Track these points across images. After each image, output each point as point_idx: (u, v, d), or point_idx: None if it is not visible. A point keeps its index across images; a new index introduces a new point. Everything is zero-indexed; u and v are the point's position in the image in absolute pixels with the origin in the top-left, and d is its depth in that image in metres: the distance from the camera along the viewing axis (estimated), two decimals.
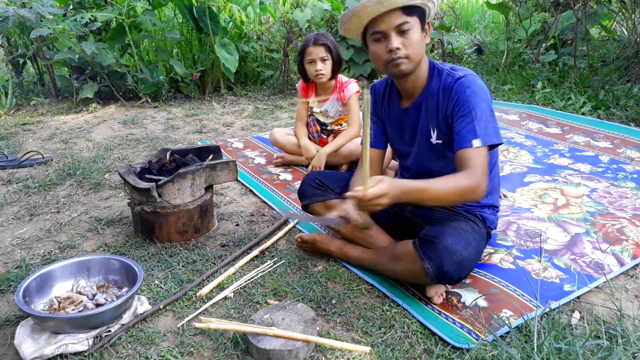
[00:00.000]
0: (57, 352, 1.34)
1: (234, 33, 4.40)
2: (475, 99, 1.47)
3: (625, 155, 2.68)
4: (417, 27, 1.47)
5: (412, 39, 1.47)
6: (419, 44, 1.49)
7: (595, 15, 4.11)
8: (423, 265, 1.44)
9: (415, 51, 1.49)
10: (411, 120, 1.65)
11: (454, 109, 1.50)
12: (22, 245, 1.96)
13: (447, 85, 1.53)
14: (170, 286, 1.65)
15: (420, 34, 1.49)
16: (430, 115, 1.58)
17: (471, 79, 1.50)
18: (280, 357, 1.29)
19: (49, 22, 3.75)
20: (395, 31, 1.46)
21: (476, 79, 1.51)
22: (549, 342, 1.24)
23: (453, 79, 1.52)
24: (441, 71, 1.57)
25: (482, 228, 1.63)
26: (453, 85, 1.51)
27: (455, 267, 1.42)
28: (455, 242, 1.43)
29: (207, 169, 1.96)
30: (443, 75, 1.55)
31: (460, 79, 1.50)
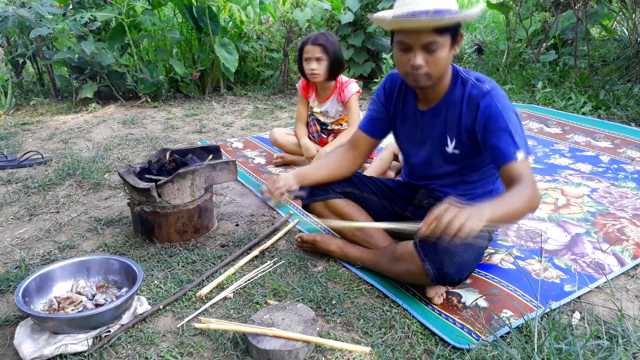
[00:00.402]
0: (56, 352, 1.33)
1: (233, 33, 4.39)
2: (508, 113, 1.44)
3: (625, 155, 2.67)
4: (447, 44, 1.41)
5: (438, 57, 1.41)
6: (444, 61, 1.44)
7: (595, 15, 4.11)
8: (424, 266, 1.43)
9: (439, 69, 1.45)
10: (427, 124, 1.61)
11: (486, 123, 1.45)
12: (21, 245, 1.96)
13: (472, 97, 1.48)
14: (170, 286, 1.64)
15: (449, 51, 1.43)
16: (450, 124, 1.55)
17: (500, 93, 1.47)
18: (280, 357, 1.28)
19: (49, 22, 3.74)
20: (421, 48, 1.40)
21: (503, 92, 1.49)
22: (550, 342, 1.23)
23: (480, 91, 1.47)
24: (465, 81, 1.52)
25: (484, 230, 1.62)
26: (481, 99, 1.46)
27: (456, 269, 1.42)
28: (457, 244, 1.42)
29: (206, 169, 1.96)
30: (467, 85, 1.51)
31: (488, 92, 1.46)
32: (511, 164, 1.40)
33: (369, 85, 4.30)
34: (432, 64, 1.42)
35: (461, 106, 1.51)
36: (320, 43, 2.44)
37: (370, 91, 4.28)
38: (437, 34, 1.38)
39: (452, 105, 1.53)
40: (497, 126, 1.43)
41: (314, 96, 2.67)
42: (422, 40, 1.39)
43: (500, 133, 1.43)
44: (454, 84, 1.53)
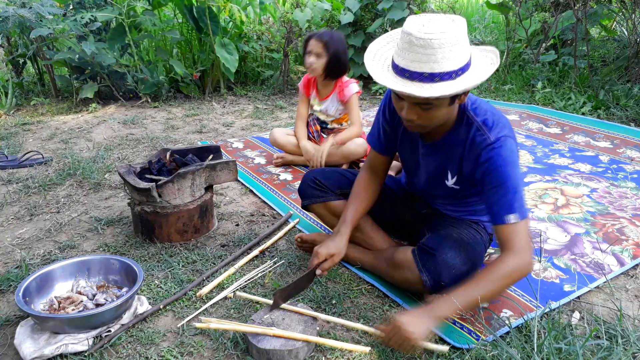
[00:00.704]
0: (57, 352, 1.34)
1: (234, 33, 4.39)
2: (508, 169, 1.35)
3: (625, 155, 2.68)
4: (445, 104, 1.30)
5: (433, 115, 1.32)
6: (441, 117, 1.34)
7: (595, 15, 4.11)
8: (421, 276, 1.43)
9: (434, 122, 1.35)
10: (428, 155, 1.54)
11: (484, 176, 1.38)
12: (22, 245, 1.96)
13: (475, 144, 1.39)
14: (170, 286, 1.65)
15: (447, 108, 1.32)
16: (451, 161, 1.48)
17: (504, 145, 1.36)
18: (280, 357, 1.29)
19: (49, 22, 3.74)
20: (413, 105, 1.30)
21: (509, 143, 1.37)
22: (549, 342, 1.24)
23: (484, 142, 1.37)
24: (470, 123, 1.40)
25: (485, 235, 1.62)
26: (483, 150, 1.37)
27: (453, 281, 1.40)
28: (455, 257, 1.42)
29: (207, 169, 1.96)
30: (472, 128, 1.40)
31: (491, 145, 1.36)
32: (503, 227, 1.35)
33: (369, 86, 4.30)
34: (425, 119, 1.33)
35: (463, 148, 1.43)
36: (323, 40, 2.47)
37: (370, 91, 4.28)
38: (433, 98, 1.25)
39: (455, 144, 1.45)
40: (495, 183, 1.36)
41: (314, 93, 2.68)
42: (413, 99, 1.28)
43: (496, 190, 1.36)
44: (460, 124, 1.43)
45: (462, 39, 1.22)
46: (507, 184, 1.35)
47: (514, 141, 1.40)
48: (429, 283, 1.42)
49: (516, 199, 1.35)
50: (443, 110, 1.32)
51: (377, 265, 1.64)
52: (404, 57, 1.23)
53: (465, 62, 1.25)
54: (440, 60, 1.20)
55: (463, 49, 1.23)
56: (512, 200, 1.34)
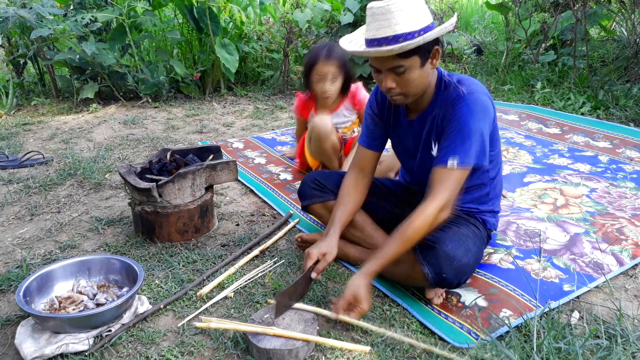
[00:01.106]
0: (57, 351, 1.34)
1: (234, 33, 4.40)
2: (468, 118, 1.42)
3: (624, 155, 2.68)
4: (416, 65, 1.40)
5: (408, 78, 1.41)
6: (417, 81, 1.43)
7: (594, 16, 4.12)
8: (422, 270, 1.44)
9: (413, 88, 1.45)
10: (415, 132, 1.61)
11: (447, 124, 1.47)
12: (22, 245, 1.97)
13: (450, 99, 1.48)
14: (171, 286, 1.65)
15: (421, 70, 1.42)
16: (432, 128, 1.55)
17: (475, 99, 1.44)
18: (280, 356, 1.29)
19: (49, 23, 3.75)
20: (388, 71, 1.41)
21: (479, 96, 1.45)
22: (549, 341, 1.24)
23: (457, 94, 1.46)
24: (448, 85, 1.51)
25: (483, 231, 1.63)
26: (455, 101, 1.46)
27: (455, 273, 1.42)
28: (455, 248, 1.43)
29: (207, 169, 1.97)
30: (450, 89, 1.50)
31: (463, 96, 1.45)
32: (438, 168, 1.43)
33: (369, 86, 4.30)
34: (403, 86, 1.43)
35: (441, 109, 1.51)
36: (334, 61, 2.20)
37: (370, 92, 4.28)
38: (401, 58, 1.37)
39: (435, 111, 1.53)
40: (452, 129, 1.44)
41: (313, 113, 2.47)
42: (387, 65, 1.40)
43: (449, 136, 1.44)
44: (438, 90, 1.52)
45: (418, 3, 1.36)
46: (462, 131, 1.42)
47: (489, 99, 1.49)
48: (430, 276, 1.43)
49: (464, 146, 1.41)
50: (416, 72, 1.41)
51: None
52: (370, 29, 1.37)
53: (427, 24, 1.36)
54: (401, 22, 1.33)
55: (421, 11, 1.36)
56: (460, 145, 1.42)
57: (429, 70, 1.45)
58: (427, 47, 1.40)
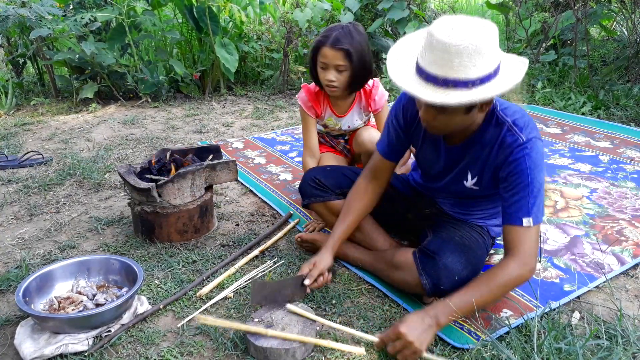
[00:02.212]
0: (57, 352, 1.34)
1: (234, 33, 4.39)
2: (534, 172, 1.32)
3: (625, 155, 2.68)
4: (462, 111, 1.26)
5: (448, 121, 1.29)
6: (458, 124, 1.32)
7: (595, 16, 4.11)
8: (420, 280, 1.43)
9: (451, 128, 1.34)
10: (451, 158, 1.51)
11: (510, 175, 1.35)
12: (22, 245, 1.96)
13: (506, 144, 1.35)
14: (170, 286, 1.65)
15: (465, 116, 1.28)
16: (474, 162, 1.45)
17: (535, 147, 1.33)
18: (277, 355, 1.29)
19: (49, 22, 3.74)
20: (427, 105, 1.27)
21: (539, 146, 1.35)
22: (549, 342, 1.24)
23: (515, 141, 1.33)
24: (501, 123, 1.36)
25: (487, 239, 1.61)
26: (514, 149, 1.33)
27: (452, 285, 1.40)
28: (456, 261, 1.42)
29: (207, 169, 1.96)
30: (503, 129, 1.36)
31: (523, 145, 1.32)
32: (514, 228, 1.34)
33: None
34: (441, 123, 1.31)
35: (492, 148, 1.39)
36: (344, 47, 1.82)
37: None
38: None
39: (482, 144, 1.41)
40: (519, 183, 1.33)
41: (329, 111, 2.10)
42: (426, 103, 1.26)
43: (517, 191, 1.34)
44: (488, 123, 1.38)
45: (486, 48, 1.15)
46: (530, 186, 1.33)
47: (542, 144, 1.38)
48: (428, 287, 1.42)
49: (536, 203, 1.33)
50: (459, 117, 1.28)
51: (376, 265, 1.64)
52: (425, 57, 1.19)
53: (487, 73, 1.17)
54: (457, 68, 1.14)
55: (486, 59, 1.16)
56: (532, 203, 1.32)
57: (474, 115, 1.32)
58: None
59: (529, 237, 1.33)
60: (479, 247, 1.54)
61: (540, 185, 1.34)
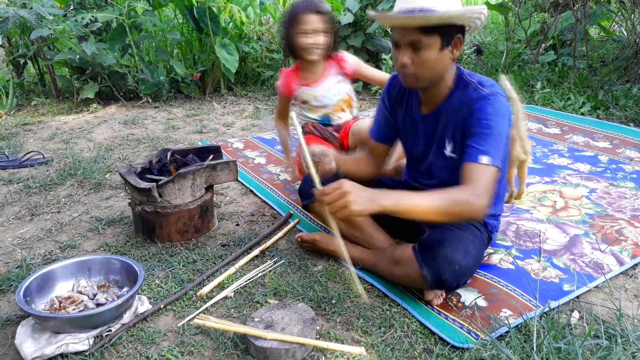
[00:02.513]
0: (57, 351, 1.34)
1: (234, 33, 4.40)
2: (496, 118, 1.39)
3: (624, 155, 2.68)
4: (435, 46, 1.37)
5: (423, 58, 1.38)
6: (432, 64, 1.40)
7: (594, 16, 4.12)
8: (421, 272, 1.44)
9: (426, 71, 1.41)
10: (428, 128, 1.59)
11: (473, 123, 1.42)
12: (22, 245, 1.97)
13: (471, 99, 1.44)
14: (171, 286, 1.65)
15: (439, 53, 1.38)
16: (447, 127, 1.52)
17: (499, 100, 1.41)
18: (277, 355, 1.29)
19: (50, 23, 3.75)
20: (407, 45, 1.39)
21: (503, 100, 1.43)
22: (549, 341, 1.24)
23: (479, 95, 1.42)
24: (467, 84, 1.47)
25: (484, 233, 1.62)
26: (477, 101, 1.42)
27: (454, 276, 1.41)
28: (455, 251, 1.42)
29: (207, 169, 1.97)
30: (469, 88, 1.46)
31: (486, 96, 1.41)
32: (470, 164, 1.37)
33: (369, 86, 4.30)
34: (418, 65, 1.40)
35: (460, 109, 1.47)
36: (323, 11, 2.00)
37: (370, 92, 4.28)
38: (421, 33, 1.35)
39: (452, 108, 1.49)
40: (479, 128, 1.40)
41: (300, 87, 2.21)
42: (406, 38, 1.38)
43: (477, 134, 1.39)
44: (456, 88, 1.49)
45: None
46: (490, 129, 1.38)
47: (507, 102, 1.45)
48: (429, 278, 1.43)
49: (495, 146, 1.37)
50: (433, 53, 1.38)
51: (378, 263, 1.65)
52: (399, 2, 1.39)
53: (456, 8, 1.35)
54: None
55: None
56: (491, 145, 1.36)
57: (447, 58, 1.41)
58: (450, 32, 1.38)
59: (484, 174, 1.35)
60: (477, 238, 1.55)
61: (501, 131, 1.39)
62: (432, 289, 1.48)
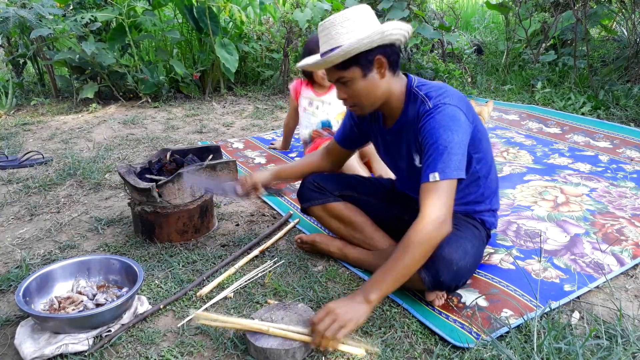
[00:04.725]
0: (57, 352, 1.34)
1: (234, 33, 4.40)
2: (439, 131, 1.39)
3: (624, 155, 2.68)
4: (358, 75, 1.42)
5: (353, 89, 1.44)
6: (364, 91, 1.45)
7: (595, 16, 4.11)
8: (419, 274, 1.43)
9: (363, 99, 1.47)
10: (394, 142, 1.62)
11: (421, 142, 1.45)
12: (22, 245, 1.96)
13: (419, 114, 1.46)
14: (171, 286, 1.65)
15: (365, 80, 1.43)
16: (409, 139, 1.54)
17: (439, 110, 1.41)
18: (277, 356, 1.29)
19: (49, 23, 3.75)
20: (336, 83, 1.47)
21: (444, 108, 1.42)
22: (549, 342, 1.24)
23: (424, 110, 1.45)
24: (416, 97, 1.49)
25: (482, 231, 1.62)
26: (423, 118, 1.44)
27: (452, 277, 1.41)
28: (452, 252, 1.42)
29: (207, 169, 1.97)
30: (417, 102, 1.48)
31: (429, 111, 1.43)
32: (423, 185, 1.39)
33: None
34: (353, 96, 1.47)
35: (415, 122, 1.49)
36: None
37: None
38: (340, 70, 1.42)
39: (409, 121, 1.51)
40: (427, 145, 1.42)
41: (310, 91, 2.64)
42: (331, 78, 1.47)
43: (426, 151, 1.42)
44: (408, 101, 1.51)
45: (355, 16, 1.39)
46: (435, 144, 1.39)
47: (459, 109, 1.43)
48: (427, 279, 1.43)
49: (442, 159, 1.38)
50: (360, 83, 1.44)
51: (377, 264, 1.64)
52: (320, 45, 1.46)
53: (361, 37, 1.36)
54: (335, 36, 1.39)
55: (358, 25, 1.39)
56: (437, 159, 1.38)
57: (377, 81, 1.45)
58: (367, 58, 1.40)
59: (436, 190, 1.36)
60: (476, 237, 1.55)
61: (446, 142, 1.38)
62: (431, 290, 1.47)
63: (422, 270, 1.42)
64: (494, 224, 1.70)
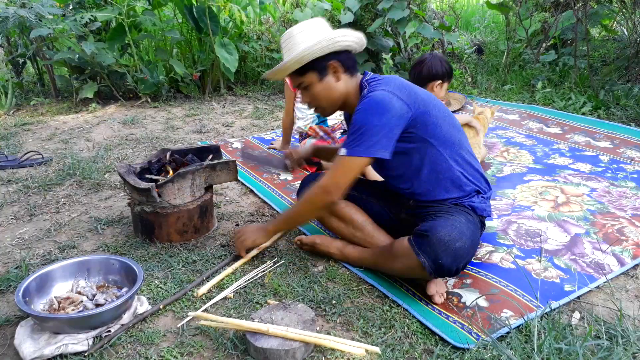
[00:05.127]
0: (57, 352, 1.34)
1: (233, 33, 4.39)
2: (360, 115, 1.50)
3: (625, 155, 2.67)
4: (315, 80, 1.56)
5: (313, 93, 1.59)
6: (323, 94, 1.59)
7: (595, 16, 4.11)
8: (419, 260, 1.45)
9: (323, 101, 1.61)
10: None
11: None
12: (22, 245, 1.96)
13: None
14: (170, 286, 1.65)
15: (321, 84, 1.57)
16: None
17: (372, 98, 1.51)
18: (277, 356, 1.28)
19: (49, 22, 3.74)
20: (299, 88, 1.62)
21: (374, 95, 1.51)
22: (549, 342, 1.24)
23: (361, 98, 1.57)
24: (364, 89, 1.60)
25: (474, 217, 1.62)
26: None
27: (452, 259, 1.43)
28: (449, 233, 1.44)
29: (207, 169, 1.96)
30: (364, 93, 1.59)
31: (362, 99, 1.55)
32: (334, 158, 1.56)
33: None
34: (315, 100, 1.62)
35: None
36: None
37: None
38: (298, 76, 1.58)
39: None
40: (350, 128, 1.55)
41: None
42: (294, 84, 1.63)
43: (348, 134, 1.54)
44: (362, 97, 1.59)
45: (309, 28, 1.54)
46: (353, 126, 1.52)
47: (391, 94, 1.51)
48: (427, 264, 1.44)
49: (353, 138, 1.50)
50: (318, 86, 1.58)
51: (377, 260, 1.65)
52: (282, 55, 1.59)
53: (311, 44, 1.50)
54: (292, 47, 1.54)
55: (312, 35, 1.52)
56: (349, 137, 1.52)
57: (332, 84, 1.59)
58: (321, 63, 1.54)
59: (337, 163, 1.54)
60: (470, 222, 1.56)
61: (361, 124, 1.50)
62: (432, 277, 1.48)
63: (422, 256, 1.44)
64: (485, 210, 1.67)
